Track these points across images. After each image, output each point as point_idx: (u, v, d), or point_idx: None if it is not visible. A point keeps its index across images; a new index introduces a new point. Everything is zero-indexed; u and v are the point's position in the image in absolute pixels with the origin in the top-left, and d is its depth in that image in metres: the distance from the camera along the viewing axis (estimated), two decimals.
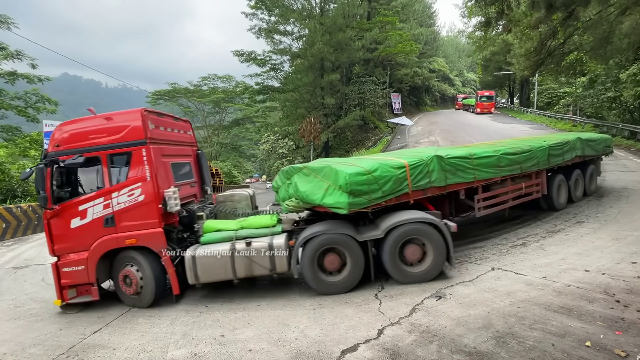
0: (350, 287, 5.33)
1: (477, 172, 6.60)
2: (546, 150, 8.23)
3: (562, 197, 9.19)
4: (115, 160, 5.50)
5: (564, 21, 15.18)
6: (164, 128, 6.02)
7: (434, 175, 5.88)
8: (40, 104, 20.41)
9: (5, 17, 17.78)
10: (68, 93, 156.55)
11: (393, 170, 5.44)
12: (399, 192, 5.49)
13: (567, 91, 33.80)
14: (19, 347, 4.34)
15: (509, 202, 7.58)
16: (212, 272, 5.36)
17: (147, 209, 5.41)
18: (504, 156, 7.11)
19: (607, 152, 10.91)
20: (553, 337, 3.55)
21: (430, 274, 5.34)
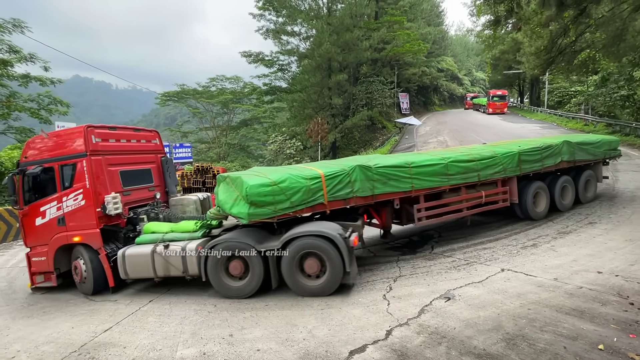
0: (249, 293, 5.45)
1: (416, 180, 6.50)
2: (515, 156, 7.78)
3: (541, 206, 8.47)
4: (65, 170, 6.42)
5: (576, 19, 14.93)
6: (115, 140, 6.83)
7: (356, 185, 5.86)
8: (53, 105, 20.80)
9: (19, 21, 18.14)
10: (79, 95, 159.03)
11: (304, 181, 5.47)
12: (313, 202, 5.52)
13: (579, 90, 33.26)
14: (32, 344, 4.42)
15: (464, 210, 7.34)
16: (137, 270, 5.91)
17: (87, 212, 6.26)
18: (453, 164, 6.92)
19: (612, 155, 10.04)
20: (565, 339, 3.50)
21: (326, 288, 5.21)
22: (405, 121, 35.81)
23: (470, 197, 7.32)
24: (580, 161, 9.09)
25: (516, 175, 7.93)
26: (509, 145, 8.51)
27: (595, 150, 9.36)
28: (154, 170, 7.57)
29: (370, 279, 5.75)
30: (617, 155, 10.18)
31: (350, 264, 5.16)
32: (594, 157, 9.38)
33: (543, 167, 8.30)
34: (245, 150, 45.66)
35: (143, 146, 7.49)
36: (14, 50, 18.51)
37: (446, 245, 7.25)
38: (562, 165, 8.68)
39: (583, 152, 9.08)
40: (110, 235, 6.44)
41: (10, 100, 19.32)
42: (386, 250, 7.38)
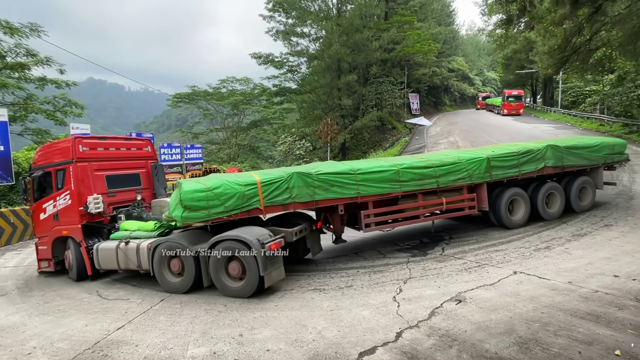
0: (183, 290, 5.94)
1: (362, 187, 6.56)
2: (482, 162, 7.56)
3: (519, 214, 8.11)
4: (58, 174, 7.46)
5: (591, 17, 14.61)
6: (103, 148, 7.79)
7: (295, 191, 6.08)
8: (68, 107, 21.26)
9: (36, 25, 18.60)
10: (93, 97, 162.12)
11: (238, 187, 5.80)
12: (248, 207, 5.84)
13: (594, 89, 32.54)
14: (48, 341, 4.52)
15: (421, 217, 7.34)
16: (106, 262, 6.77)
17: (72, 210, 7.24)
18: (406, 170, 6.90)
19: (616, 160, 9.12)
20: (580, 344, 3.42)
21: (245, 291, 5.45)
22: (416, 122, 35.56)
23: (428, 204, 7.26)
24: (571, 167, 8.48)
25: (486, 182, 7.66)
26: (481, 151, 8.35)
27: (591, 154, 8.68)
28: (143, 174, 8.40)
29: (380, 281, 5.72)
30: (623, 159, 9.30)
31: (264, 268, 5.30)
32: (590, 162, 8.68)
33: (521, 173, 7.92)
34: (255, 151, 45.95)
35: (133, 153, 8.39)
36: (31, 54, 18.98)
37: (457, 247, 7.18)
38: (547, 171, 8.17)
39: (574, 157, 8.48)
40: (95, 231, 7.37)
41: (27, 102, 19.81)
42: (396, 252, 7.33)
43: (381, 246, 7.87)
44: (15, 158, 15.79)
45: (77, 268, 7.18)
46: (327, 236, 7.49)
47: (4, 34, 17.89)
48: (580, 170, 8.78)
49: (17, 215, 12.00)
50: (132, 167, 8.22)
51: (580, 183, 8.76)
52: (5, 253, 10.46)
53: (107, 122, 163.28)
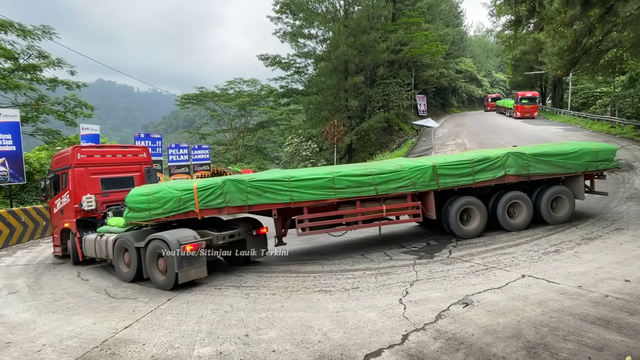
0: (129, 279, 6.83)
1: (295, 193, 6.86)
2: (427, 170, 7.46)
3: (473, 224, 7.88)
4: (63, 177, 8.90)
5: (602, 17, 14.42)
6: (100, 155, 9.07)
7: (228, 196, 6.64)
8: (78, 108, 21.54)
9: (48, 27, 18.88)
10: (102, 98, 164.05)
11: (176, 192, 6.57)
12: (184, 209, 6.61)
13: (605, 91, 32.07)
14: (57, 339, 4.58)
15: (360, 223, 7.41)
16: (89, 251, 8.02)
17: (70, 207, 8.66)
18: (341, 178, 7.04)
19: (602, 168, 8.35)
20: (589, 349, 3.37)
21: (166, 284, 6.22)
22: (423, 123, 35.39)
23: (367, 211, 7.33)
24: (540, 175, 8.02)
25: (433, 190, 7.59)
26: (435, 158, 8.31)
27: (567, 162, 8.08)
28: (137, 177, 9.46)
29: (386, 283, 5.70)
30: (611, 167, 8.48)
31: (179, 266, 5.94)
32: (566, 171, 8.11)
33: (475, 182, 7.70)
34: (261, 152, 46.14)
35: (128, 159, 9.59)
36: (43, 56, 19.29)
37: (464, 250, 7.12)
38: (509, 179, 7.84)
39: (544, 165, 7.99)
40: (90, 225, 8.63)
41: (39, 103, 20.13)
42: (402, 254, 7.30)
43: (388, 248, 7.84)
44: (27, 158, 16.05)
45: (72, 254, 8.65)
46: (334, 240, 7.48)
47: (17, 37, 18.22)
48: (552, 179, 8.29)
49: (28, 214, 12.19)
50: (127, 171, 9.40)
51: (554, 193, 8.20)
52: (16, 251, 10.63)
53: (116, 123, 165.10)
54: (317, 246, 8.83)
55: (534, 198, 8.26)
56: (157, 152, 21.17)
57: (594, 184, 8.94)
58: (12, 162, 13.03)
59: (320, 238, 9.39)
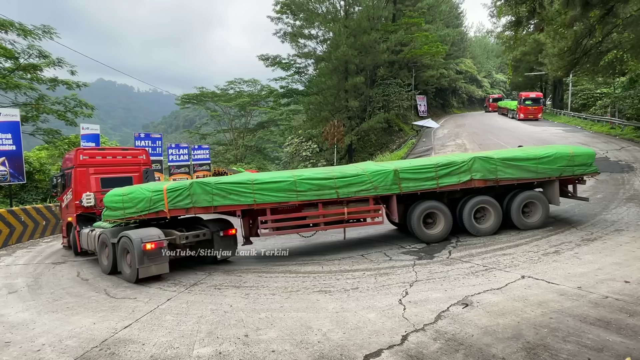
0: (107, 271, 7.47)
1: (258, 195, 7.22)
2: (389, 174, 7.56)
3: (438, 228, 7.90)
4: (68, 176, 9.69)
5: (602, 18, 14.43)
6: (101, 157, 9.81)
7: (195, 197, 7.08)
8: (78, 108, 21.49)
9: (48, 27, 18.85)
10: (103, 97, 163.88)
11: (147, 192, 7.06)
12: (155, 209, 7.05)
13: (605, 92, 32.08)
14: (57, 338, 4.57)
15: (321, 225, 7.69)
16: (84, 243, 8.82)
17: (72, 203, 9.45)
18: (302, 181, 7.32)
19: (579, 173, 8.12)
20: (589, 350, 3.37)
21: (130, 277, 6.83)
22: (423, 124, 35.39)
23: (329, 213, 7.57)
24: (509, 180, 7.92)
25: (395, 194, 7.68)
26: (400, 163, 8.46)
27: (539, 166, 7.93)
28: (136, 177, 10.00)
29: (386, 283, 5.70)
30: (589, 172, 8.25)
31: (139, 262, 6.49)
32: (538, 175, 7.98)
33: (439, 186, 7.73)
34: (262, 153, 46.14)
35: (128, 160, 10.24)
36: (43, 55, 19.27)
37: (464, 251, 7.12)
38: (476, 184, 7.83)
39: (514, 169, 7.86)
40: (90, 220, 9.13)
41: (39, 103, 20.11)
42: (402, 255, 7.30)
43: (387, 249, 7.84)
44: (27, 157, 16.05)
45: (73, 246, 9.57)
46: (334, 240, 7.48)
47: (18, 36, 18.21)
48: (523, 184, 8.16)
49: (28, 213, 12.19)
50: (126, 172, 10.02)
51: (525, 198, 8.07)
52: (16, 251, 10.63)
53: (116, 123, 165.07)
54: (317, 247, 8.83)
55: (505, 203, 8.18)
56: (157, 152, 21.15)
57: (576, 189, 8.69)
58: (12, 162, 13.03)
59: (320, 239, 9.39)
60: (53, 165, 18.95)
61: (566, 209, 9.65)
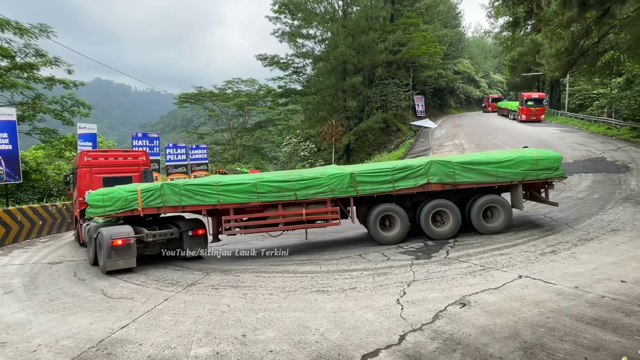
0: (91, 262, 8.12)
1: (222, 196, 7.64)
2: (345, 177, 7.76)
3: (394, 231, 8.03)
4: (76, 175, 10.73)
5: (599, 19, 14.48)
6: (104, 159, 10.71)
7: (165, 197, 7.66)
8: (75, 107, 21.39)
9: (45, 26, 18.75)
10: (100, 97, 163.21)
11: (124, 192, 7.72)
12: (130, 207, 7.68)
13: (602, 92, 32.25)
14: (53, 339, 4.55)
15: (280, 225, 8.02)
16: (84, 236, 9.33)
17: (77, 200, 10.41)
18: (263, 183, 7.72)
19: (543, 177, 7.96)
20: (586, 350, 3.38)
21: (102, 269, 7.48)
22: (421, 124, 35.44)
23: (288, 214, 7.92)
24: (468, 184, 7.90)
25: (352, 196, 7.91)
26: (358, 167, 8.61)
27: (500, 170, 7.84)
28: (136, 177, 10.70)
29: (383, 283, 5.70)
30: (555, 176, 8.06)
31: (107, 256, 7.15)
32: (498, 180, 7.88)
33: (395, 189, 7.86)
34: (259, 152, 46.09)
35: (128, 162, 10.99)
36: (40, 54, 19.16)
37: (462, 251, 7.14)
38: (433, 187, 7.89)
39: (472, 173, 7.83)
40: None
41: (35, 102, 20.01)
42: (400, 255, 7.31)
43: (385, 248, 7.85)
44: (23, 157, 15.97)
45: (77, 238, 10.67)
46: (332, 240, 7.47)
47: (14, 35, 18.10)
48: (483, 188, 8.09)
49: (25, 213, 12.13)
50: (127, 172, 10.70)
51: (486, 202, 8.02)
52: (12, 251, 10.57)
53: (113, 122, 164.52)
54: (315, 247, 8.83)
55: (467, 207, 8.18)
56: (155, 151, 21.09)
57: (547, 193, 8.60)
58: (8, 161, 12.96)
59: (318, 238, 9.40)
60: (50, 165, 18.86)
61: (562, 209, 9.69)
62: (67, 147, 21.00)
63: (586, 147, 18.53)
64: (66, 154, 21.08)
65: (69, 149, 20.93)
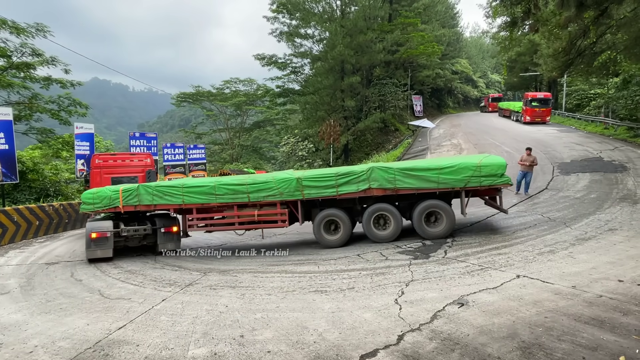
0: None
1: (186, 197, 8.59)
2: (292, 182, 8.21)
3: (337, 234, 8.37)
4: (90, 175, 11.90)
5: (596, 19, 14.53)
6: (113, 161, 12.13)
7: (140, 197, 8.76)
8: (72, 107, 21.26)
9: (42, 25, 18.63)
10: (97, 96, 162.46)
11: (109, 192, 8.95)
12: (113, 205, 8.87)
13: (599, 92, 32.37)
14: (49, 340, 4.52)
15: (236, 224, 8.84)
16: None
17: None
18: (220, 186, 8.51)
19: (486, 184, 7.78)
20: (584, 349, 3.39)
21: (86, 257, 8.57)
22: (419, 124, 35.49)
23: (243, 214, 8.72)
24: (408, 189, 7.97)
25: (299, 200, 8.34)
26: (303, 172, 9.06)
27: (440, 176, 7.83)
28: (141, 177, 11.77)
29: (381, 283, 5.70)
30: (499, 183, 7.81)
31: (87, 247, 8.42)
32: (439, 186, 7.88)
33: (338, 193, 8.14)
34: (258, 152, 46.05)
35: (134, 163, 12.27)
36: (36, 54, 19.04)
37: (460, 250, 7.14)
38: (374, 192, 8.06)
39: (413, 180, 7.89)
40: None
41: (32, 101, 19.89)
42: (398, 254, 7.31)
43: (384, 248, 7.85)
44: (20, 157, 15.87)
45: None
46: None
47: (10, 34, 17.98)
48: (423, 194, 8.11)
49: (21, 213, 12.06)
50: (133, 173, 11.90)
51: (427, 207, 8.05)
52: (8, 251, 10.50)
53: (111, 122, 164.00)
54: (313, 247, 8.82)
55: (411, 212, 8.33)
56: (152, 151, 20.97)
57: (498, 199, 8.55)
58: (5, 161, 12.87)
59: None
60: (47, 165, 18.76)
61: (560, 208, 9.72)
62: (64, 147, 20.88)
63: (583, 147, 18.59)
64: (63, 154, 20.98)
65: (65, 148, 20.81)
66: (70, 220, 14.01)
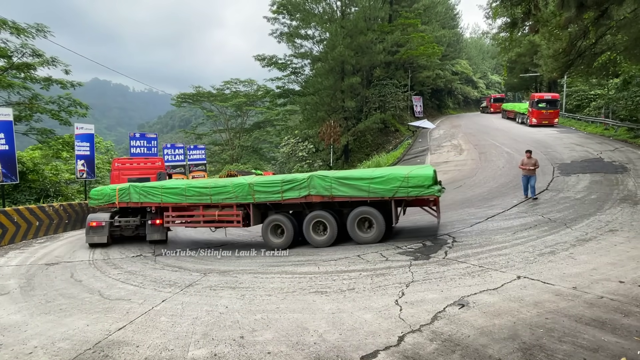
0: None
1: (164, 197, 9.82)
2: (245, 186, 8.92)
3: (282, 238, 8.88)
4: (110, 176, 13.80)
5: (596, 20, 14.51)
6: (129, 164, 14.05)
7: (130, 195, 10.22)
8: (72, 107, 21.27)
9: (42, 26, 18.64)
10: (97, 97, 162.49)
11: (109, 190, 10.68)
12: (112, 201, 10.50)
13: (599, 93, 32.36)
14: (49, 340, 4.51)
15: (201, 223, 9.93)
16: None
17: None
18: (189, 188, 9.58)
19: (413, 194, 7.83)
20: (585, 351, 3.38)
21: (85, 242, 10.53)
22: (419, 124, 35.50)
23: (207, 214, 9.65)
24: (342, 197, 8.25)
25: (251, 203, 9.02)
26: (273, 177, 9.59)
27: (371, 186, 8.02)
28: (153, 178, 13.21)
29: (382, 284, 5.68)
30: (427, 194, 7.80)
31: (86, 233, 10.35)
32: (369, 195, 8.07)
33: (283, 198, 8.69)
34: (258, 153, 46.07)
35: (147, 166, 14.18)
36: (37, 54, 19.04)
37: (460, 251, 7.13)
38: (314, 199, 8.47)
39: (346, 188, 8.17)
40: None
41: (32, 102, 19.89)
42: (398, 255, 7.29)
43: (384, 249, 7.83)
44: (20, 157, 15.87)
45: None
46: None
47: (11, 35, 17.99)
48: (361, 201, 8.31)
49: (21, 214, 12.06)
50: (146, 174, 13.58)
51: (359, 214, 8.34)
52: (8, 252, 10.50)
53: (111, 122, 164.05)
54: (313, 248, 8.81)
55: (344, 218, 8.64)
56: (152, 152, 21.01)
57: (438, 208, 8.73)
58: (5, 162, 12.88)
59: None
60: (47, 166, 18.76)
61: (560, 209, 9.71)
62: (64, 148, 20.88)
63: (584, 148, 18.59)
64: (63, 154, 20.98)
65: (66, 149, 20.82)
66: (70, 220, 14.00)
